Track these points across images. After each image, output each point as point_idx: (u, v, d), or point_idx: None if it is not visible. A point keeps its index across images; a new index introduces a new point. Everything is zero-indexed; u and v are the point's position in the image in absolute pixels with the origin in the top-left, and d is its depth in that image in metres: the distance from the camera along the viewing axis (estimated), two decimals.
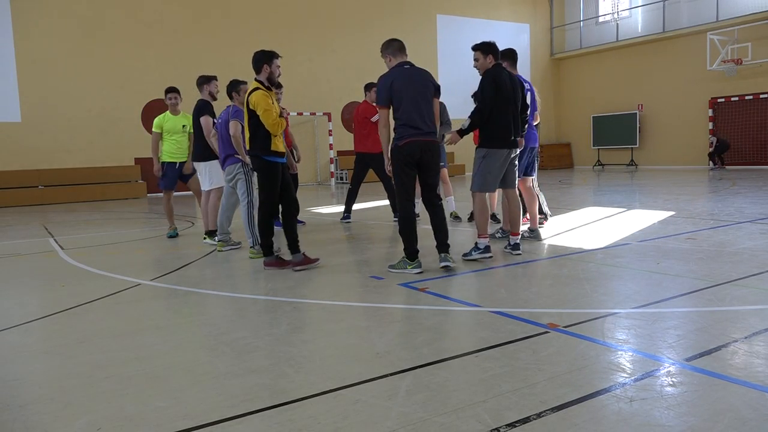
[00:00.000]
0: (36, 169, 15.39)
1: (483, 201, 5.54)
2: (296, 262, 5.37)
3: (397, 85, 4.95)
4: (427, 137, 4.99)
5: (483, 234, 5.47)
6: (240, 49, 18.06)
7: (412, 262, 5.06)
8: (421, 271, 5.01)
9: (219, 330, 3.67)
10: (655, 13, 21.40)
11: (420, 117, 4.95)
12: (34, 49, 15.52)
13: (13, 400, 2.68)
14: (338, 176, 19.99)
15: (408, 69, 5.06)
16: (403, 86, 4.95)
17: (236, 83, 6.36)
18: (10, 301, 4.74)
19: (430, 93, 5.02)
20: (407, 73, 5.03)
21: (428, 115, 5.00)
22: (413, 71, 5.07)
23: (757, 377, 2.60)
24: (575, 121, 24.49)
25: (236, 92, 6.33)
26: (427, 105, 5.00)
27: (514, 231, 5.75)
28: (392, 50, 5.12)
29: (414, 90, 4.95)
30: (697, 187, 13.13)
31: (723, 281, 4.35)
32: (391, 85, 4.96)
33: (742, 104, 19.22)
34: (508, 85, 5.39)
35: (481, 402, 2.45)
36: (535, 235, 6.46)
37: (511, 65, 6.05)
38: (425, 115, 4.98)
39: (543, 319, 3.56)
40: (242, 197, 6.22)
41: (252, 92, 5.30)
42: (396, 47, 5.12)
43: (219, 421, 2.37)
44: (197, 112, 6.89)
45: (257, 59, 5.39)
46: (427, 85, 5.03)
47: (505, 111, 5.40)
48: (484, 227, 5.49)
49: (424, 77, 5.07)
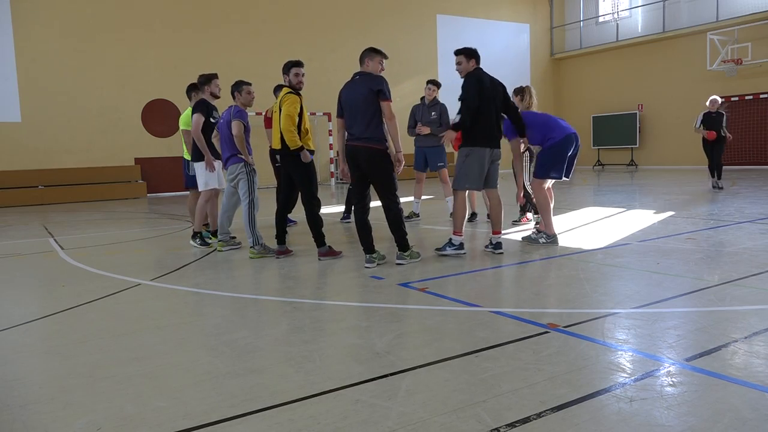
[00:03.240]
0: (36, 169, 15.39)
1: (463, 199, 5.71)
2: (323, 252, 5.85)
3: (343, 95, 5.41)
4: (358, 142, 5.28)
5: (459, 231, 5.68)
6: (240, 49, 18.10)
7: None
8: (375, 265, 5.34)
9: (219, 330, 3.67)
10: (655, 13, 21.40)
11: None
12: (34, 49, 15.52)
13: (13, 400, 2.68)
14: (338, 176, 20.00)
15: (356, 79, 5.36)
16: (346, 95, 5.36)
17: (240, 84, 6.36)
18: (10, 301, 4.75)
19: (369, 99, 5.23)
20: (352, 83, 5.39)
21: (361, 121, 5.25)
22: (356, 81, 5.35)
23: (757, 377, 2.60)
24: (575, 121, 24.39)
25: (239, 92, 6.34)
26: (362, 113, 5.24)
27: (496, 230, 5.83)
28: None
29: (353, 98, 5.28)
30: (697, 187, 13.13)
31: (723, 281, 4.35)
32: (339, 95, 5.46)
33: (742, 104, 19.21)
34: (489, 86, 5.55)
35: (481, 402, 2.45)
36: (553, 240, 6.25)
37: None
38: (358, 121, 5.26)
39: (543, 319, 3.56)
40: (243, 197, 6.23)
41: (287, 94, 5.73)
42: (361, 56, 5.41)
43: (219, 421, 2.37)
44: (193, 110, 6.88)
45: (283, 69, 5.98)
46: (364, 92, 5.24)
47: (488, 111, 5.53)
48: (461, 224, 5.69)
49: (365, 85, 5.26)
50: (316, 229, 5.82)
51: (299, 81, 5.87)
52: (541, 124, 6.20)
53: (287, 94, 5.74)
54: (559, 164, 6.10)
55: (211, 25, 17.78)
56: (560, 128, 6.13)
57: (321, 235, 5.85)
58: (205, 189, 6.84)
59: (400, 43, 20.92)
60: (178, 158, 17.55)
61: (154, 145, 17.09)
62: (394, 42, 20.80)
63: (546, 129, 6.13)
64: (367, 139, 5.20)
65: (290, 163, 5.82)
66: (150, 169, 16.89)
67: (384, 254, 5.59)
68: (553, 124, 6.21)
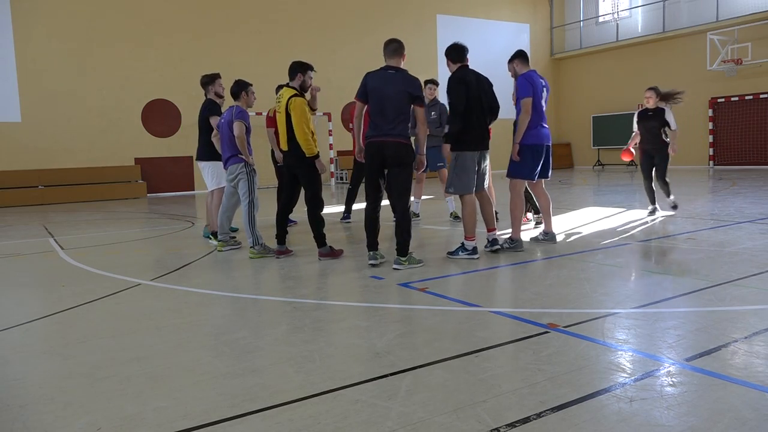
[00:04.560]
0: (36, 169, 15.39)
1: (472, 204, 5.61)
2: (323, 253, 5.85)
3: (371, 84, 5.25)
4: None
5: (471, 236, 5.55)
6: (240, 48, 18.10)
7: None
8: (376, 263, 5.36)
9: (219, 330, 3.67)
10: (655, 13, 21.41)
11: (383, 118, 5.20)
12: (34, 49, 15.52)
13: (13, 400, 2.68)
14: (338, 176, 20.00)
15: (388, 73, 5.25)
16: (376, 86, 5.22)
17: (243, 84, 6.36)
18: (10, 301, 4.74)
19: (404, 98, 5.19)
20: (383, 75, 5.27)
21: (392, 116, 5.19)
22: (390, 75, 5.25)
23: (757, 377, 2.60)
24: (575, 121, 24.49)
25: (245, 93, 6.34)
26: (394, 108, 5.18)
27: (490, 227, 5.82)
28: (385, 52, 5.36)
29: (384, 93, 5.17)
30: (697, 187, 13.12)
31: (723, 281, 4.35)
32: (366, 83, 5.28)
33: (742, 104, 19.21)
34: (474, 85, 5.46)
35: (481, 402, 2.45)
36: (550, 237, 6.36)
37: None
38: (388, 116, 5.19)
39: (543, 319, 3.56)
40: (243, 197, 6.22)
41: (292, 97, 5.71)
42: (386, 51, 5.32)
43: (219, 421, 2.37)
44: (206, 111, 6.85)
45: (293, 68, 5.95)
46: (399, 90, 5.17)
47: (476, 111, 5.45)
48: (472, 229, 5.56)
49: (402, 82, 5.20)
50: (318, 229, 5.83)
51: (310, 84, 6.08)
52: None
53: (294, 98, 5.71)
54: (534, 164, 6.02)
55: (211, 25, 17.77)
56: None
57: (322, 235, 5.86)
58: (215, 188, 7.00)
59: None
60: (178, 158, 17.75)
61: (154, 145, 17.10)
62: None
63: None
64: (396, 135, 5.18)
65: (295, 163, 5.84)
66: (150, 169, 16.89)
67: (383, 255, 5.59)
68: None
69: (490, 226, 5.84)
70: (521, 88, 5.85)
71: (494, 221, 5.88)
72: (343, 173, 19.65)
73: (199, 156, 7.10)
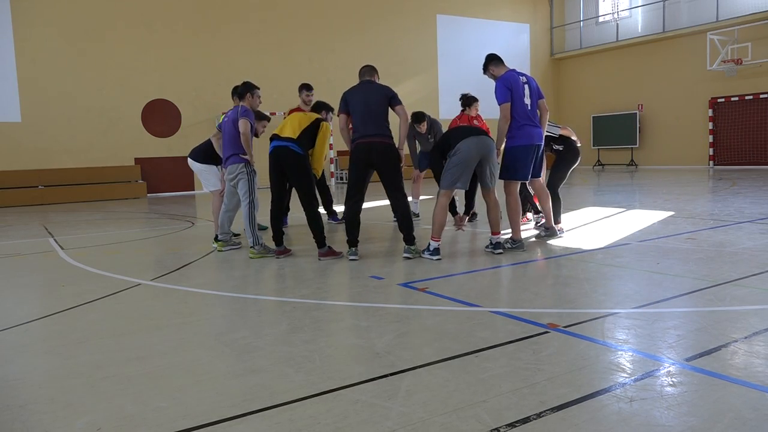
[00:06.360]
0: (36, 169, 15.39)
1: (443, 205, 5.68)
2: (323, 253, 5.90)
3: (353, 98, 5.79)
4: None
5: (435, 236, 5.62)
6: (240, 48, 18.09)
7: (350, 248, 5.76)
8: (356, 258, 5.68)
9: (219, 330, 3.67)
10: (655, 13, 21.41)
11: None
12: (34, 49, 15.52)
13: (13, 400, 2.68)
14: (338, 176, 20.00)
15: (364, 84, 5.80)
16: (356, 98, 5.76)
17: (250, 86, 6.33)
18: (10, 301, 4.74)
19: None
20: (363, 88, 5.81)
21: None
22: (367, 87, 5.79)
23: (757, 377, 2.60)
24: (575, 121, 24.42)
25: (251, 95, 6.31)
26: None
27: (494, 231, 5.83)
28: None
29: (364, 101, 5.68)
30: (697, 187, 13.13)
31: (723, 281, 4.35)
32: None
33: (742, 104, 19.21)
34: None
35: (481, 402, 2.45)
36: (550, 233, 6.54)
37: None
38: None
39: (543, 319, 3.56)
40: (243, 197, 6.21)
41: (323, 121, 6.16)
42: (362, 72, 5.91)
43: (219, 421, 2.37)
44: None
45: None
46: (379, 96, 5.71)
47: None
48: (438, 230, 5.63)
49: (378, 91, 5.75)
50: (318, 229, 5.84)
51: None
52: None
53: (325, 122, 6.14)
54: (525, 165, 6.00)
55: (211, 25, 17.76)
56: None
57: (322, 235, 5.87)
58: (214, 189, 7.05)
59: (400, 43, 20.93)
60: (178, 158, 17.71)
61: (154, 145, 17.09)
62: (394, 42, 20.82)
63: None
64: (382, 135, 5.63)
65: (291, 164, 5.87)
66: (150, 169, 16.89)
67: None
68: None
69: (495, 229, 5.84)
70: (497, 93, 5.81)
71: (499, 225, 5.87)
72: (342, 173, 19.65)
73: (199, 158, 7.08)
